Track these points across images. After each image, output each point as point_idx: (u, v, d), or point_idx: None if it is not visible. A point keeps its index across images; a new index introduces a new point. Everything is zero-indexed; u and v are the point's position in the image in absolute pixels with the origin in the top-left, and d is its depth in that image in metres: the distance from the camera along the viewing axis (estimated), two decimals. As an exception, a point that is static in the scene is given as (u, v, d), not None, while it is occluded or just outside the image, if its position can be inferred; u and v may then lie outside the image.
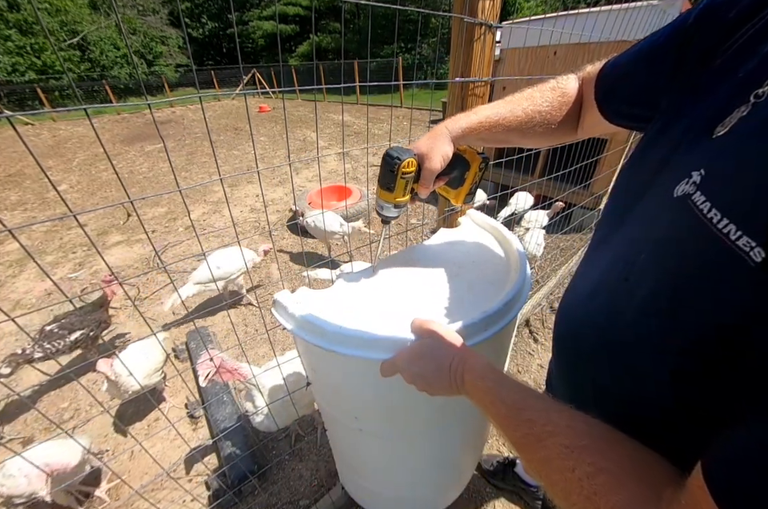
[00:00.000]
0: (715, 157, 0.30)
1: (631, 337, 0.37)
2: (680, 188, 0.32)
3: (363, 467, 1.00)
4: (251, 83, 15.03)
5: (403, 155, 0.56)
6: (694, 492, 0.24)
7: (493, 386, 0.41)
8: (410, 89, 11.62)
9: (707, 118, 0.33)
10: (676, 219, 0.32)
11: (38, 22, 13.05)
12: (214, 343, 2.01)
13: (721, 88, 0.34)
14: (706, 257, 0.28)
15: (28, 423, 1.70)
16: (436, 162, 0.58)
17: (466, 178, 0.65)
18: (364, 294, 0.72)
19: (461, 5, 0.74)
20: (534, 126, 0.58)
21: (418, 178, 0.60)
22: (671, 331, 0.33)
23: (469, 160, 0.63)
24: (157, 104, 11.25)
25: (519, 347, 1.97)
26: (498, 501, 1.31)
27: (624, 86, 0.50)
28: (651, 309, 0.35)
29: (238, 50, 0.51)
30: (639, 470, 0.30)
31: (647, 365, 0.36)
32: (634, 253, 0.38)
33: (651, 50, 0.45)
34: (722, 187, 0.28)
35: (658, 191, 0.38)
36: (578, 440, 0.32)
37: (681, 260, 0.31)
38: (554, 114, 0.57)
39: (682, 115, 0.38)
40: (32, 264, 3.01)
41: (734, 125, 0.30)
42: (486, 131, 0.58)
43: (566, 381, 0.55)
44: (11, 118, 0.38)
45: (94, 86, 14.55)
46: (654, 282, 0.34)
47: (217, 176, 1.63)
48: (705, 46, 0.37)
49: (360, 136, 7.20)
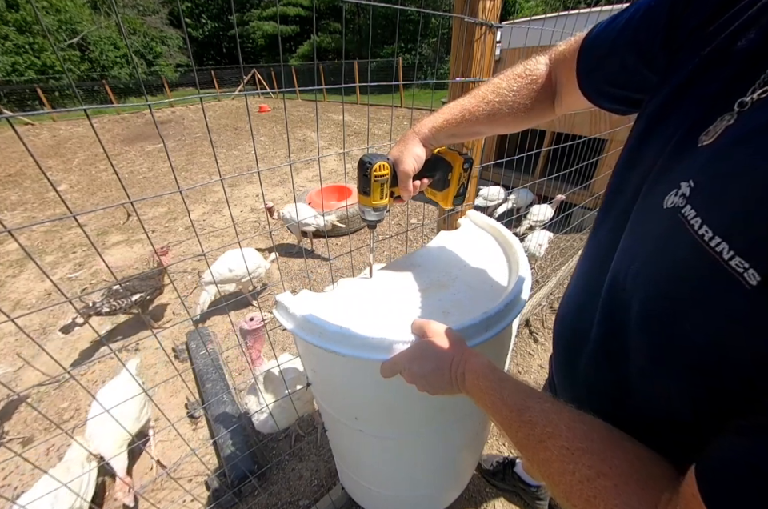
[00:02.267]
0: (703, 168, 0.29)
1: (630, 347, 0.37)
2: (669, 199, 0.31)
3: (363, 467, 1.00)
4: (251, 83, 15.02)
5: (375, 159, 0.58)
6: (689, 500, 0.24)
7: (494, 386, 0.42)
8: (411, 89, 11.62)
9: (692, 122, 0.32)
10: (667, 233, 0.31)
11: (38, 22, 13.05)
12: (214, 343, 2.01)
13: (703, 90, 0.33)
14: (701, 276, 0.27)
15: (28, 423, 1.70)
16: (407, 164, 0.59)
17: (450, 180, 0.65)
18: (365, 297, 0.72)
19: (461, 5, 0.74)
20: (504, 116, 0.57)
21: (396, 182, 0.62)
22: (666, 348, 0.32)
23: (450, 161, 0.64)
24: (157, 104, 11.25)
25: (519, 347, 1.97)
26: (497, 501, 1.31)
27: (606, 64, 0.46)
28: (647, 325, 0.34)
29: (238, 50, 0.51)
30: (637, 473, 0.30)
31: (647, 373, 0.36)
32: (628, 260, 0.37)
33: (635, 27, 0.41)
34: (711, 202, 0.27)
35: (648, 199, 0.37)
36: (577, 442, 0.32)
37: (675, 279, 0.30)
38: (520, 102, 0.56)
39: (666, 116, 0.37)
40: (32, 264, 3.01)
41: (720, 134, 0.28)
42: (454, 128, 0.58)
43: (566, 380, 0.56)
44: (11, 118, 0.38)
45: (94, 86, 14.54)
46: (647, 299, 0.34)
47: (217, 176, 1.63)
48: (690, 27, 0.34)
49: (360, 136, 7.20)
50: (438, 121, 0.59)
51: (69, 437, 0.47)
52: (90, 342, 2.18)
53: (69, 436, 0.54)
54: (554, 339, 0.58)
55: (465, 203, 1.01)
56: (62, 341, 2.20)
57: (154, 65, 17.99)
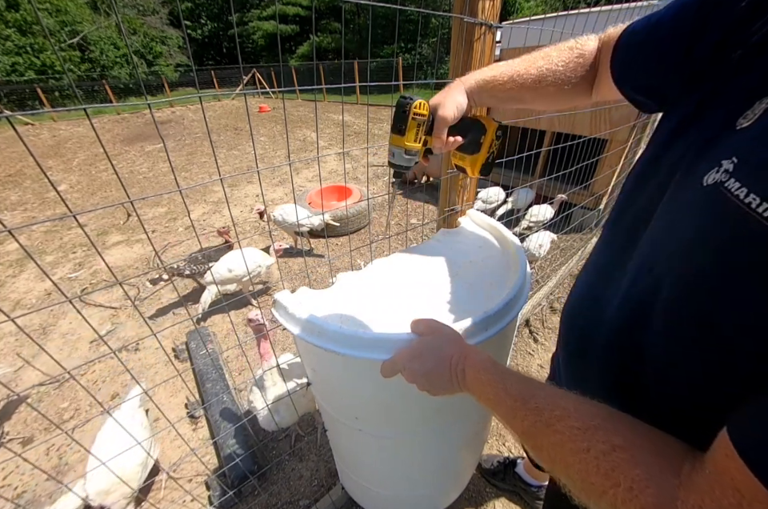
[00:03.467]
0: (746, 145, 0.30)
1: (657, 344, 0.37)
2: (710, 177, 0.31)
3: (363, 467, 1.00)
4: (251, 83, 15.02)
5: (415, 97, 0.56)
6: (720, 460, 0.24)
7: (496, 378, 0.42)
8: (411, 89, 11.62)
9: (727, 111, 0.33)
10: (709, 207, 0.31)
11: (38, 22, 13.04)
12: (214, 343, 2.01)
13: (739, 83, 0.34)
14: (750, 242, 0.28)
15: (28, 423, 1.70)
16: (449, 109, 0.57)
17: (482, 143, 0.63)
18: (364, 295, 0.72)
19: (461, 5, 0.74)
20: (547, 85, 0.57)
21: (431, 131, 0.60)
22: (695, 329, 0.32)
23: (485, 124, 0.62)
24: (157, 104, 11.25)
25: (519, 347, 1.97)
26: (497, 501, 1.31)
27: (638, 59, 0.48)
28: (677, 314, 0.34)
29: (238, 50, 0.51)
30: (654, 445, 0.30)
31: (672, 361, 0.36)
32: (658, 246, 0.38)
33: (666, 28, 0.43)
34: (757, 173, 0.27)
35: (683, 183, 0.37)
36: (589, 421, 0.32)
37: (718, 252, 0.30)
38: (567, 74, 0.56)
39: (702, 111, 0.38)
40: (32, 264, 3.01)
41: (759, 116, 0.30)
42: (500, 86, 0.58)
43: (573, 374, 0.56)
44: (11, 118, 0.38)
45: (94, 86, 14.53)
46: (680, 280, 0.34)
47: (217, 176, 1.63)
48: (717, 37, 0.37)
49: (360, 136, 7.21)
50: (486, 74, 0.58)
51: (68, 437, 0.47)
52: (90, 342, 2.18)
53: (69, 436, 0.54)
54: (563, 332, 0.58)
55: (465, 203, 1.01)
56: (62, 341, 2.20)
57: (154, 65, 17.98)
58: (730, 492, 0.23)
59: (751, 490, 0.22)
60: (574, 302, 0.55)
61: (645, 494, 0.27)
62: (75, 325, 2.32)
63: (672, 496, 0.26)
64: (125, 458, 1.04)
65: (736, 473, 0.23)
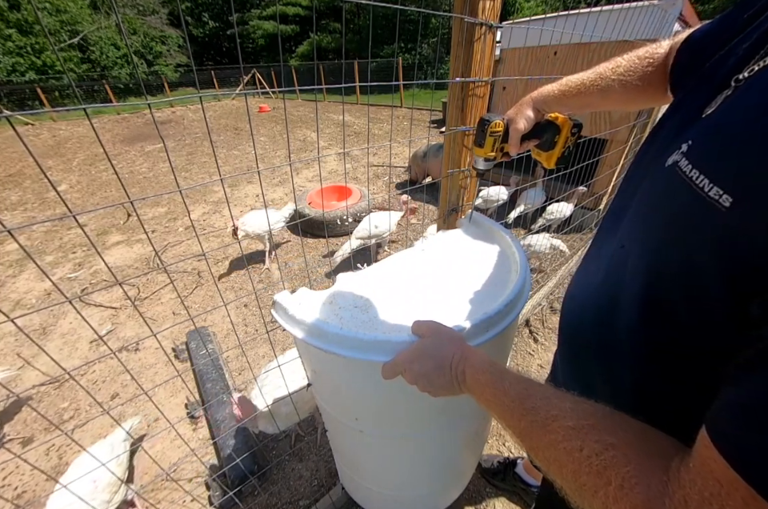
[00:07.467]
0: (701, 130, 0.35)
1: (629, 311, 0.40)
2: (670, 159, 0.36)
3: (363, 467, 0.99)
4: (251, 83, 15.01)
5: (493, 118, 0.70)
6: (701, 452, 0.25)
7: (495, 379, 0.42)
8: (411, 89, 11.62)
9: (701, 103, 0.38)
10: (667, 186, 0.36)
11: (38, 22, 13.04)
12: (213, 343, 2.01)
13: (714, 79, 0.39)
14: (688, 206, 0.32)
15: (28, 423, 1.70)
16: (519, 124, 0.70)
17: (557, 142, 0.74)
18: (364, 296, 0.71)
19: (461, 5, 0.74)
20: (614, 92, 0.62)
21: (506, 139, 0.73)
22: (658, 281, 0.36)
23: (560, 125, 0.72)
24: (157, 104, 11.25)
25: (519, 347, 1.97)
26: (497, 501, 1.31)
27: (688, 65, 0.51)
28: (647, 283, 0.38)
29: (238, 49, 0.51)
30: (646, 443, 0.30)
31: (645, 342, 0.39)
32: (635, 226, 0.42)
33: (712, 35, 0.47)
34: (701, 151, 0.33)
35: (653, 166, 0.42)
36: (582, 421, 0.33)
37: (672, 226, 0.35)
38: (633, 82, 0.60)
39: (681, 104, 0.43)
40: (32, 264, 3.01)
41: (720, 105, 0.35)
42: (567, 99, 0.67)
43: (571, 370, 0.57)
44: (11, 118, 0.38)
45: (94, 86, 14.55)
46: (646, 254, 0.38)
47: (217, 176, 1.63)
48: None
49: (360, 136, 7.20)
50: (555, 91, 0.67)
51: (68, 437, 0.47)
52: (90, 342, 2.18)
53: (68, 437, 0.54)
54: (561, 328, 0.60)
55: (465, 203, 1.01)
56: (62, 341, 2.20)
57: (154, 65, 17.99)
58: (710, 483, 0.23)
59: (727, 478, 0.22)
60: (570, 288, 0.58)
61: (635, 491, 0.27)
62: (75, 325, 2.32)
63: (661, 492, 0.26)
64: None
65: (713, 463, 0.23)
